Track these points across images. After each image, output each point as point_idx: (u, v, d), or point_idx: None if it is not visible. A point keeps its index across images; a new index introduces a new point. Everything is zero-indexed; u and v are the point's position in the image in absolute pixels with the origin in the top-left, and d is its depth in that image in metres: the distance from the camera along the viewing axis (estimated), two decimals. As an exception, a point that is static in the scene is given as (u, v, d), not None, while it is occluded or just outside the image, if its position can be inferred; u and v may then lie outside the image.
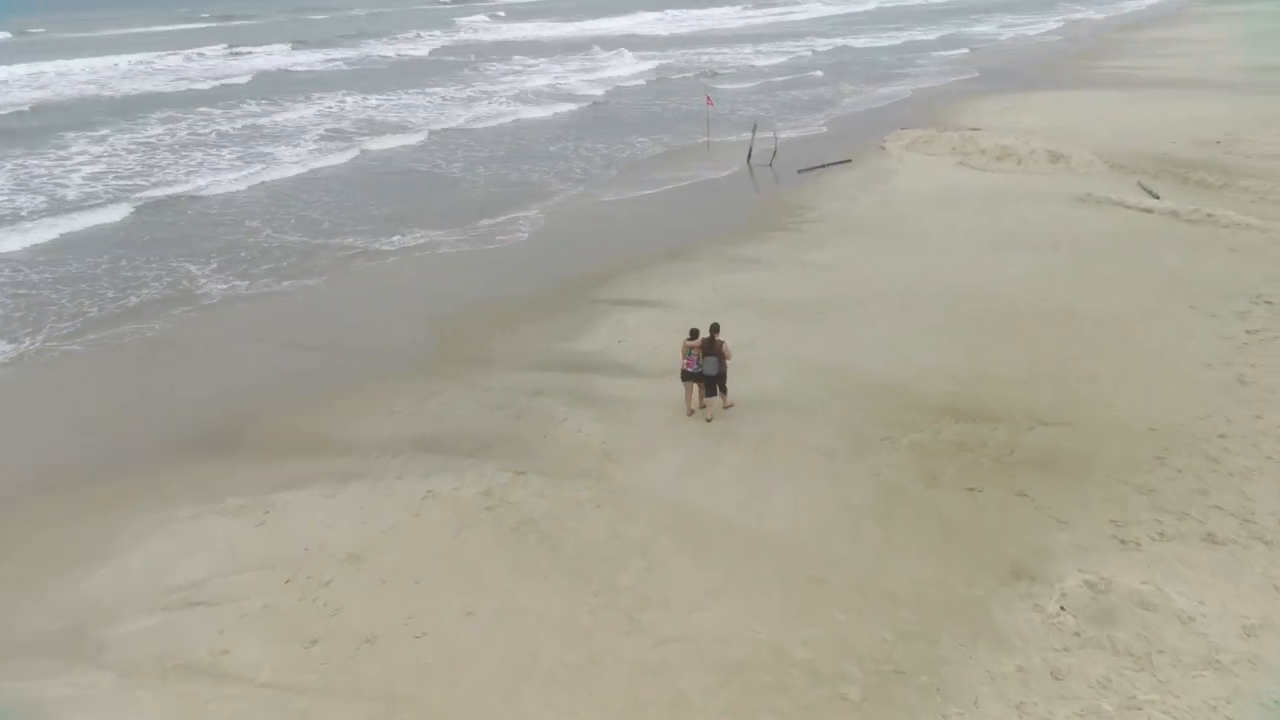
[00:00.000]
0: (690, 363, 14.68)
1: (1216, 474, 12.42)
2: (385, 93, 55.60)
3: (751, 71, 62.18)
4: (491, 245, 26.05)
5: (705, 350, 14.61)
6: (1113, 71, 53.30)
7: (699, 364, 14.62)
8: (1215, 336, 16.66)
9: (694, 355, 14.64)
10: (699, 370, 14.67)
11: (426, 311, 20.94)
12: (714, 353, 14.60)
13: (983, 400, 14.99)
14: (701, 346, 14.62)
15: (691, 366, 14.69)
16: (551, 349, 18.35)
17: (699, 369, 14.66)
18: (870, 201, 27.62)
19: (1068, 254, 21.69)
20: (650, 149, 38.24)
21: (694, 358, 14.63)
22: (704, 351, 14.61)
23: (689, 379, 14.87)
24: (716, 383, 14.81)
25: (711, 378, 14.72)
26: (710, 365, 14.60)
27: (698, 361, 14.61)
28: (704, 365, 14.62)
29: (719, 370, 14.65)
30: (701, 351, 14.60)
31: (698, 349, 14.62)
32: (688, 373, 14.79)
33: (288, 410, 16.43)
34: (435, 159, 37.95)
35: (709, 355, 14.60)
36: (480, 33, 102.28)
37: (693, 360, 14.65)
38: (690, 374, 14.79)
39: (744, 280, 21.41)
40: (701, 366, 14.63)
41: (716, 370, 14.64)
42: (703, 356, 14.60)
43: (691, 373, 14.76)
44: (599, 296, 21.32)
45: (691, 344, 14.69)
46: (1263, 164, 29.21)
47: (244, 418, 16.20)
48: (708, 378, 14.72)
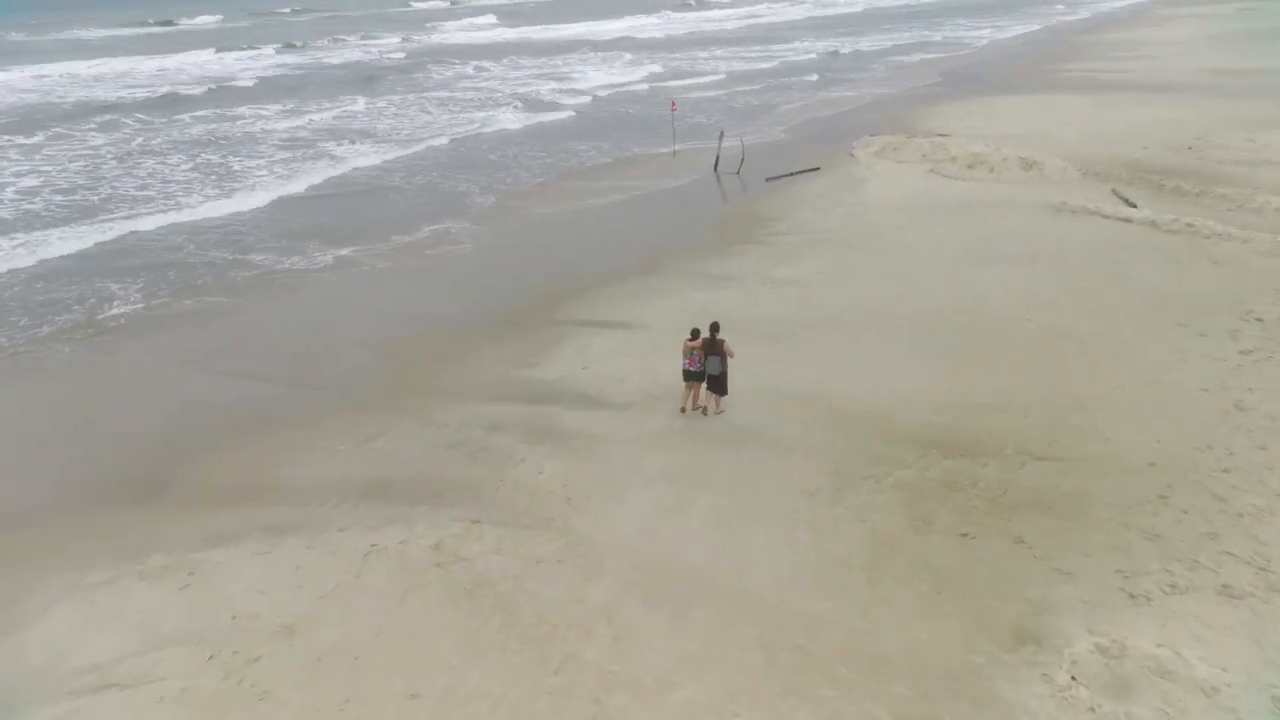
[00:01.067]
0: (693, 362, 14.79)
1: (1225, 515, 11.56)
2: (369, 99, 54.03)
3: (717, 75, 61.30)
4: (443, 259, 24.83)
5: (707, 350, 14.71)
6: (1077, 75, 53.08)
7: (701, 364, 14.72)
8: (1208, 358, 15.89)
9: (696, 355, 14.74)
10: (701, 370, 14.77)
11: (374, 334, 19.69)
12: (716, 352, 14.69)
13: (970, 432, 14.06)
14: (703, 346, 14.72)
15: (694, 366, 14.80)
16: (510, 377, 17.19)
17: (701, 369, 14.76)
18: (842, 212, 26.74)
19: (1048, 268, 20.92)
20: (614, 155, 37.15)
21: (696, 358, 14.74)
22: (706, 351, 14.70)
23: (691, 379, 14.95)
24: (719, 382, 14.85)
25: (714, 377, 14.81)
26: (713, 365, 14.71)
27: (700, 361, 14.71)
28: (707, 365, 14.73)
29: (721, 369, 14.73)
30: (703, 352, 14.70)
31: (699, 349, 14.71)
32: (690, 372, 14.89)
33: (219, 449, 15.11)
34: (400, 174, 36.60)
35: (711, 355, 14.69)
36: (449, 35, 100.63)
37: (695, 360, 14.75)
38: (692, 374, 14.88)
39: (714, 299, 20.35)
40: (704, 366, 14.74)
41: (719, 369, 14.73)
42: (705, 357, 14.70)
43: (694, 372, 14.85)
44: (562, 317, 20.20)
45: (693, 344, 14.79)
46: (1236, 170, 28.76)
47: (169, 458, 14.87)
48: (711, 377, 14.83)
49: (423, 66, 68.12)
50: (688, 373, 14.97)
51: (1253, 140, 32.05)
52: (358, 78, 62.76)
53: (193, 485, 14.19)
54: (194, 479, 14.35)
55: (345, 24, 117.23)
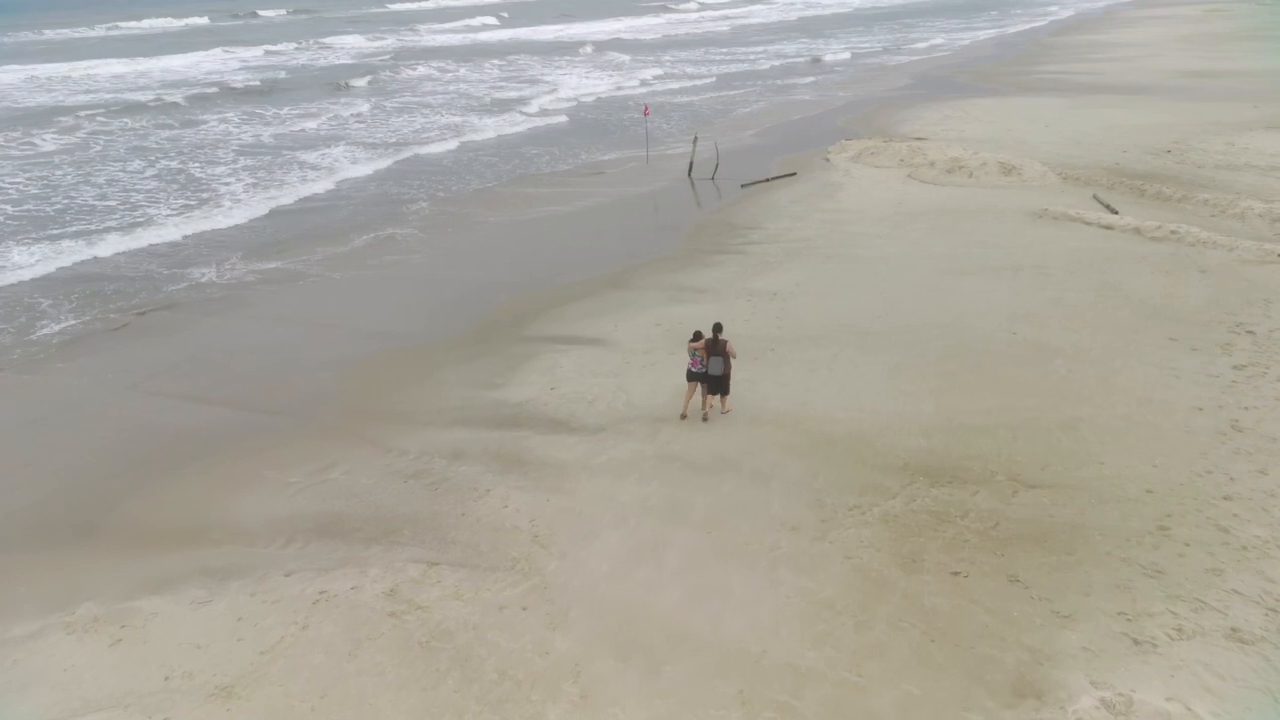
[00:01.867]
0: (695, 363, 14.75)
1: (1229, 548, 10.93)
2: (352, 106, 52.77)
3: (689, 79, 60.62)
4: (403, 272, 23.89)
5: (710, 350, 14.62)
6: (1050, 77, 52.96)
7: (703, 364, 14.66)
8: (1202, 374, 15.32)
9: (698, 356, 14.69)
10: (704, 371, 14.70)
11: (331, 353, 18.76)
12: (719, 352, 14.60)
13: (957, 456, 13.38)
14: (706, 347, 14.65)
15: (696, 367, 14.76)
16: (475, 399, 16.32)
17: (704, 369, 14.69)
18: (819, 220, 26.08)
19: (1032, 278, 20.34)
20: (586, 160, 36.32)
21: (698, 358, 14.69)
22: (709, 352, 14.62)
23: (694, 379, 14.90)
24: (721, 382, 14.78)
25: (717, 377, 14.72)
26: (716, 365, 14.63)
27: (702, 362, 14.66)
28: (710, 366, 14.65)
29: (724, 370, 14.66)
30: (706, 352, 14.64)
31: (702, 350, 14.67)
32: (693, 373, 14.85)
33: (161, 482, 14.13)
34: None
35: (714, 355, 14.59)
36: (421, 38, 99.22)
37: (697, 361, 14.71)
38: (695, 374, 14.83)
39: (689, 313, 19.59)
40: (707, 367, 14.66)
41: (722, 370, 14.66)
42: (707, 357, 14.62)
43: (697, 373, 14.80)
44: (529, 333, 19.36)
45: (696, 345, 14.74)
46: (1216, 175, 28.43)
47: (106, 493, 13.88)
48: (713, 378, 14.74)
49: (397, 69, 66.87)
50: (691, 374, 14.90)
51: (1231, 144, 31.81)
52: (331, 80, 61.51)
53: (130, 522, 13.23)
54: (132, 515, 13.38)
55: (330, 25, 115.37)
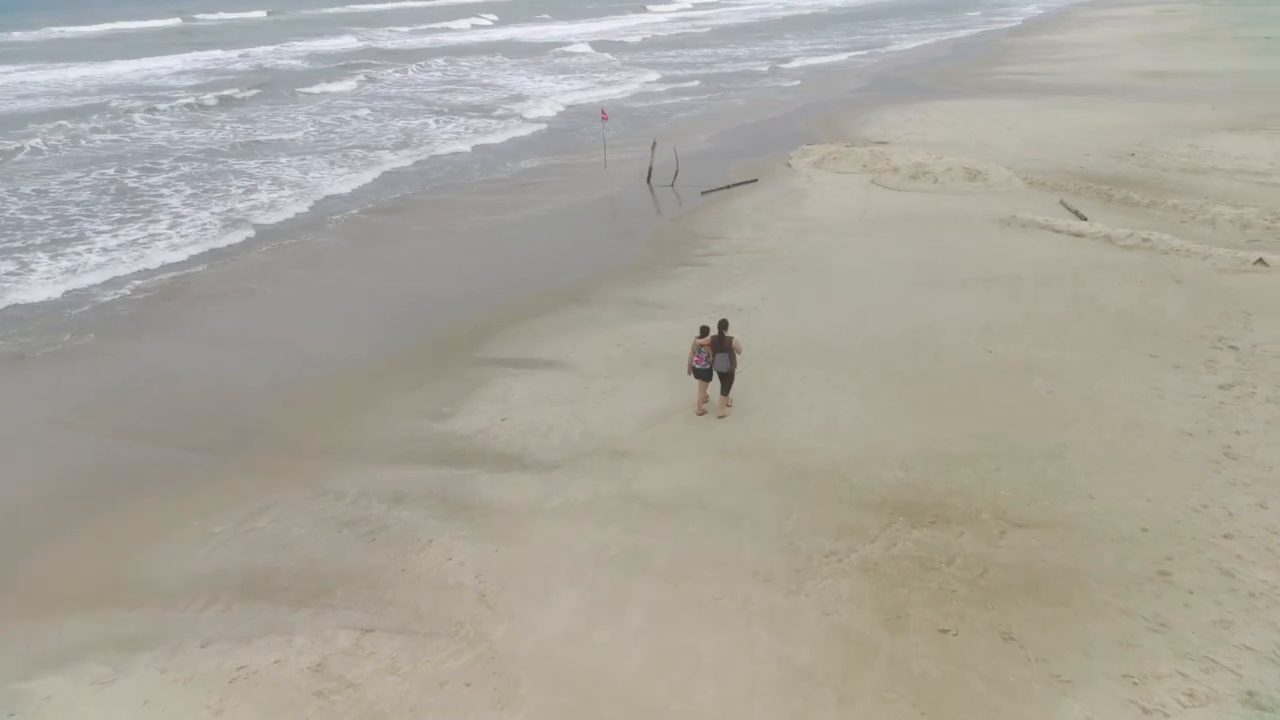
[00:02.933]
0: (700, 360, 14.69)
1: (1235, 595, 10.13)
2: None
3: (640, 83, 59.65)
4: (347, 288, 22.58)
5: (716, 347, 14.61)
6: (1009, 78, 52.71)
7: (708, 361, 14.64)
8: (1188, 395, 14.60)
9: (704, 353, 14.64)
10: (709, 368, 14.69)
11: (265, 379, 17.47)
12: (725, 349, 14.61)
13: (938, 491, 12.47)
14: (712, 344, 14.62)
15: (701, 364, 14.71)
16: (420, 432, 15.14)
17: (709, 367, 14.68)
18: (782, 229, 25.17)
19: (1004, 290, 19.58)
20: (542, 164, 35.13)
21: (704, 355, 14.64)
22: (714, 349, 14.61)
23: (700, 376, 14.84)
24: (728, 379, 14.79)
25: (723, 374, 14.74)
26: (722, 362, 14.66)
27: (708, 359, 14.63)
28: (716, 363, 14.66)
29: (730, 366, 14.69)
30: (712, 349, 14.61)
31: (708, 346, 14.63)
32: (699, 370, 14.78)
33: (70, 532, 12.82)
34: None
35: (720, 352, 14.60)
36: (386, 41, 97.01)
37: (703, 358, 14.66)
38: (701, 371, 14.77)
39: (651, 331, 18.57)
40: (712, 364, 14.65)
41: (728, 366, 14.67)
42: (714, 354, 14.61)
43: (703, 370, 14.75)
44: (481, 355, 18.21)
45: (702, 342, 14.69)
46: (1182, 178, 28.01)
47: (4, 546, 12.50)
48: (720, 374, 14.75)
49: (362, 72, 65.05)
50: (697, 370, 14.81)
51: (1195, 146, 31.49)
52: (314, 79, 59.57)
53: (32, 581, 11.90)
54: (34, 573, 12.05)
55: (315, 25, 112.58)
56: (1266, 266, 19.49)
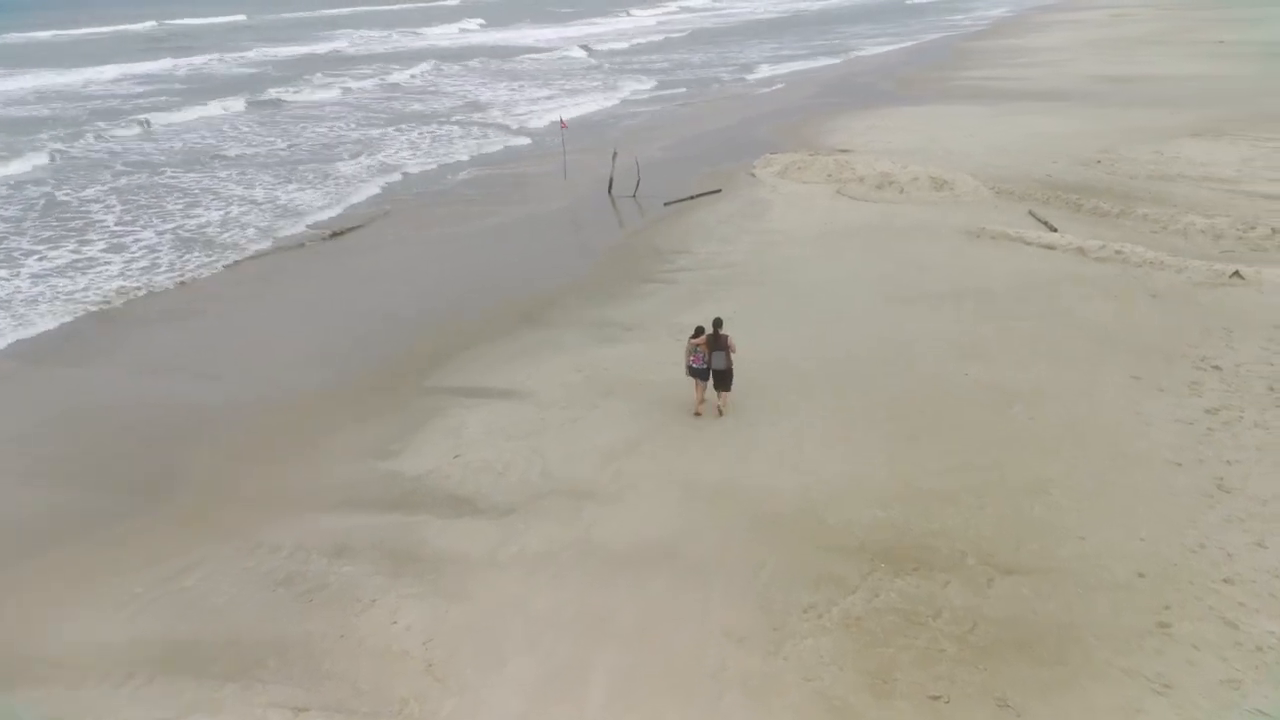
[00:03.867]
0: (697, 359, 14.78)
1: (1242, 651, 9.44)
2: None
3: (602, 90, 58.79)
4: (289, 307, 21.43)
5: (711, 346, 14.65)
6: (970, 83, 52.47)
7: (705, 360, 14.71)
8: (1174, 420, 13.98)
9: (700, 352, 14.73)
10: (706, 367, 14.75)
11: (196, 412, 16.32)
12: (721, 347, 14.65)
13: (920, 533, 11.70)
14: (707, 343, 14.67)
15: (698, 363, 14.80)
16: (365, 474, 14.09)
17: (705, 366, 14.75)
18: (748, 243, 24.40)
19: (976, 305, 18.93)
20: (500, 174, 34.08)
21: (700, 354, 14.74)
22: (710, 347, 14.65)
23: (696, 375, 14.93)
24: (724, 377, 14.81)
25: (720, 372, 14.76)
26: (719, 360, 14.69)
27: (704, 359, 14.70)
28: (713, 361, 14.69)
29: (726, 365, 14.70)
30: (708, 348, 14.66)
31: (704, 345, 14.70)
32: (695, 369, 14.88)
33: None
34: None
35: (716, 350, 14.63)
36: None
37: (699, 357, 14.75)
38: (697, 370, 14.86)
39: (613, 356, 17.68)
40: (709, 362, 14.70)
41: (724, 365, 14.69)
42: (709, 353, 14.66)
43: (699, 369, 14.83)
44: (433, 383, 17.20)
45: (697, 341, 14.77)
46: (1150, 186, 27.69)
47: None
48: (717, 373, 14.77)
49: (307, 80, 63.45)
50: (692, 369, 14.90)
51: (1160, 153, 31.25)
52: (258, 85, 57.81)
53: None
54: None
55: (293, 30, 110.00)
56: (1243, 279, 19.05)
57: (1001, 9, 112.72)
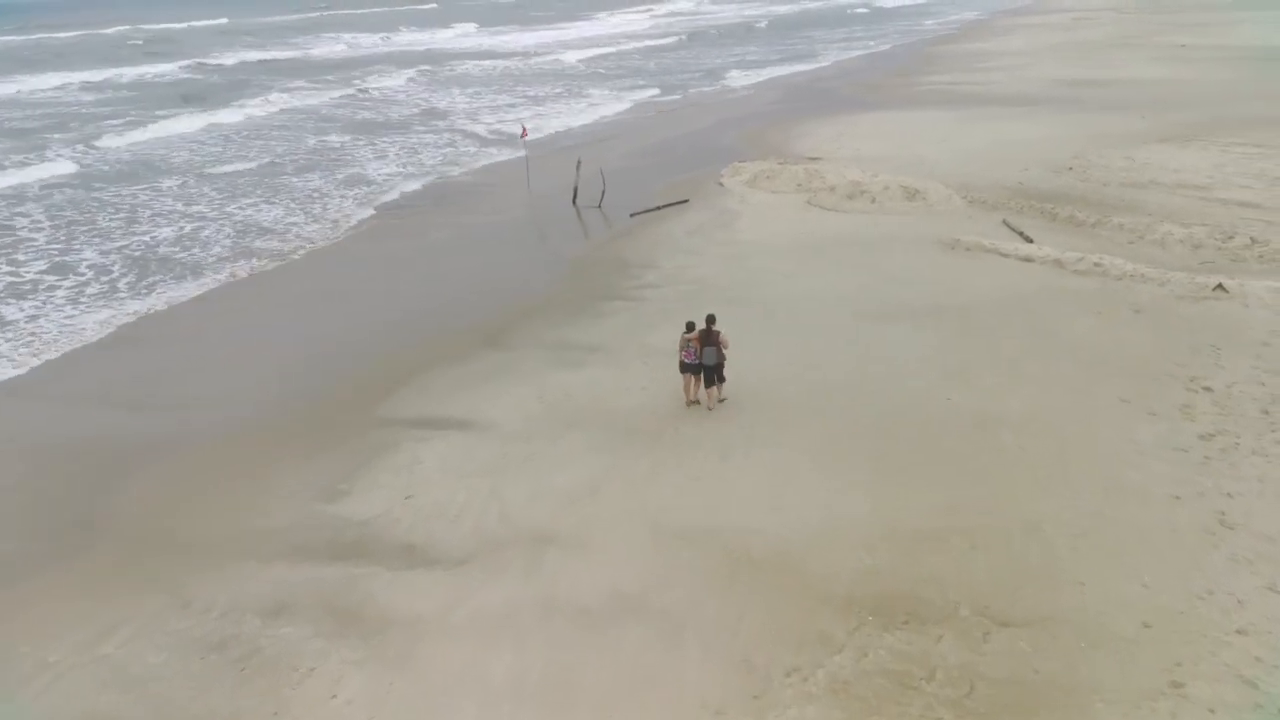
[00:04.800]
0: (689, 354, 14.88)
1: (1263, 714, 8.68)
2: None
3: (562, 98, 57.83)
4: (231, 327, 20.23)
5: (704, 342, 14.74)
6: (936, 89, 52.13)
7: (697, 355, 14.80)
8: (1168, 448, 13.28)
9: (692, 347, 14.82)
10: (698, 362, 14.85)
11: (121, 447, 15.16)
12: (712, 343, 14.73)
13: (910, 581, 10.85)
14: (699, 338, 14.77)
15: (690, 358, 14.90)
16: (309, 518, 13.01)
17: (697, 360, 14.84)
18: (717, 256, 23.56)
19: (955, 323, 18.20)
20: (461, 186, 32.96)
21: (692, 349, 14.82)
22: (703, 342, 14.74)
23: (688, 371, 15.07)
24: (715, 372, 14.93)
25: (711, 366, 14.85)
26: (710, 355, 14.79)
27: (696, 353, 14.79)
28: (704, 356, 14.79)
29: (718, 360, 14.80)
30: (700, 343, 14.75)
31: (696, 341, 14.79)
32: (686, 364, 15.01)
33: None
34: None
35: (708, 345, 14.71)
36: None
37: (691, 352, 14.85)
38: (689, 365, 14.97)
39: (577, 382, 16.71)
40: (701, 358, 14.80)
41: (716, 360, 14.79)
42: (701, 348, 14.75)
43: (691, 364, 14.95)
44: (385, 414, 16.14)
45: (689, 337, 14.88)
46: (1124, 194, 27.23)
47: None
48: (708, 367, 14.87)
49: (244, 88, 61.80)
50: (684, 365, 15.02)
51: (1131, 159, 30.88)
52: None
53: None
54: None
55: (273, 34, 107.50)
56: (1226, 292, 18.50)
57: (969, 13, 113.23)
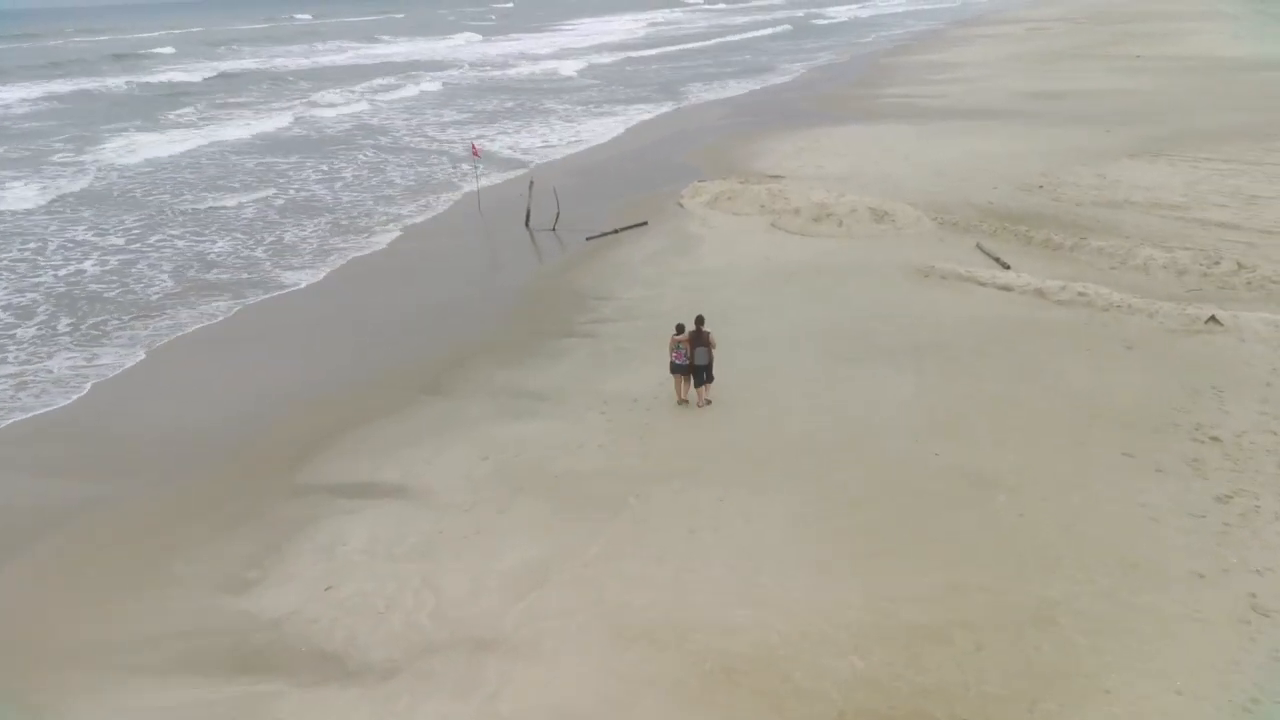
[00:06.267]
0: (679, 355, 15.14)
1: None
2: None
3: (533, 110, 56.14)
4: (128, 377, 18.23)
5: (694, 342, 15.00)
6: (897, 101, 51.25)
7: (688, 356, 15.08)
8: (1183, 513, 11.93)
9: (683, 349, 15.08)
10: (687, 363, 15.13)
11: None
12: (703, 343, 15.04)
13: (909, 692, 9.32)
14: (690, 339, 15.03)
15: (680, 359, 15.15)
16: (210, 615, 11.20)
17: (687, 362, 15.13)
18: (679, 285, 22.02)
19: (936, 364, 16.82)
20: (406, 206, 31.08)
21: (683, 351, 15.09)
22: (693, 343, 15.00)
23: (679, 371, 15.32)
24: (705, 371, 15.22)
25: (701, 367, 15.14)
26: (701, 356, 15.08)
27: (686, 354, 15.06)
28: (695, 356, 15.06)
29: (708, 360, 15.11)
30: (690, 344, 15.01)
31: (686, 343, 15.04)
32: (677, 365, 15.25)
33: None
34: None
35: (698, 346, 14.98)
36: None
37: (681, 354, 15.11)
38: (679, 367, 15.25)
39: (527, 436, 15.05)
40: (692, 358, 15.07)
41: (706, 360, 15.10)
42: (692, 349, 15.00)
43: (681, 365, 15.20)
44: (307, 478, 14.35)
45: (680, 338, 15.13)
46: (1098, 214, 26.19)
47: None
48: (698, 368, 15.14)
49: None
50: (675, 366, 15.27)
51: (1102, 176, 29.96)
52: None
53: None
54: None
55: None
56: (1221, 325, 17.35)
57: (921, 24, 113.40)
